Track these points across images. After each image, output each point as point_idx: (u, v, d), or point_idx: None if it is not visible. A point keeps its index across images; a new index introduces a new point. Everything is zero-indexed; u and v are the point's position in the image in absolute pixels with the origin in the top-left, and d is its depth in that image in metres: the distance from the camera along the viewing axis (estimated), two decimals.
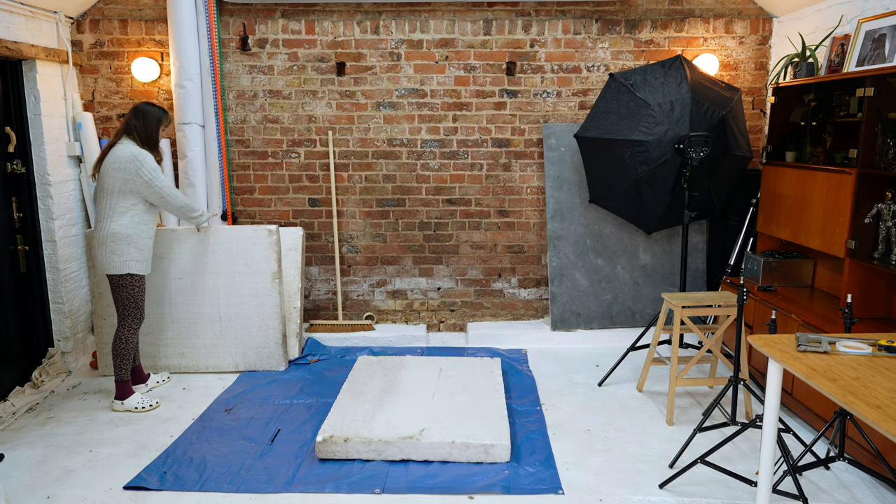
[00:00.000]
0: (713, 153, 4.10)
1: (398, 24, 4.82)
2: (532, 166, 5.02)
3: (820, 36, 4.21)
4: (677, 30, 4.87)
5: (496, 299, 5.21)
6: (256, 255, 4.37)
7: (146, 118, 3.82)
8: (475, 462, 3.25)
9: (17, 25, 4.02)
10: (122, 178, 3.71)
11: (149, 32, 4.78)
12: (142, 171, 3.71)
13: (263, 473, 3.18)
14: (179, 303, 4.42)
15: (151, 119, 3.83)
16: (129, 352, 3.86)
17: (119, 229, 3.73)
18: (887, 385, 2.18)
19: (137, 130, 3.80)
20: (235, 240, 4.39)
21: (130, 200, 3.76)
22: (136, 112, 3.82)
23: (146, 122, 3.82)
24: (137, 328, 3.89)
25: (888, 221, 3.30)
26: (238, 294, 4.40)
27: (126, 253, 3.74)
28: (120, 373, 3.86)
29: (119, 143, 3.77)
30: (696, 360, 3.75)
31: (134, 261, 3.78)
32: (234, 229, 4.40)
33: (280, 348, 4.44)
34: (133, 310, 3.85)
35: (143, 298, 3.88)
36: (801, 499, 2.77)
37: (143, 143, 3.80)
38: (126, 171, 3.70)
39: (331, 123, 4.94)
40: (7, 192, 4.13)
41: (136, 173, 3.70)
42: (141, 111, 3.83)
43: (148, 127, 3.82)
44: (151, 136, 3.84)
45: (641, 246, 4.99)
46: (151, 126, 3.83)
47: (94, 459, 3.33)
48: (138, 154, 3.72)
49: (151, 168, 3.75)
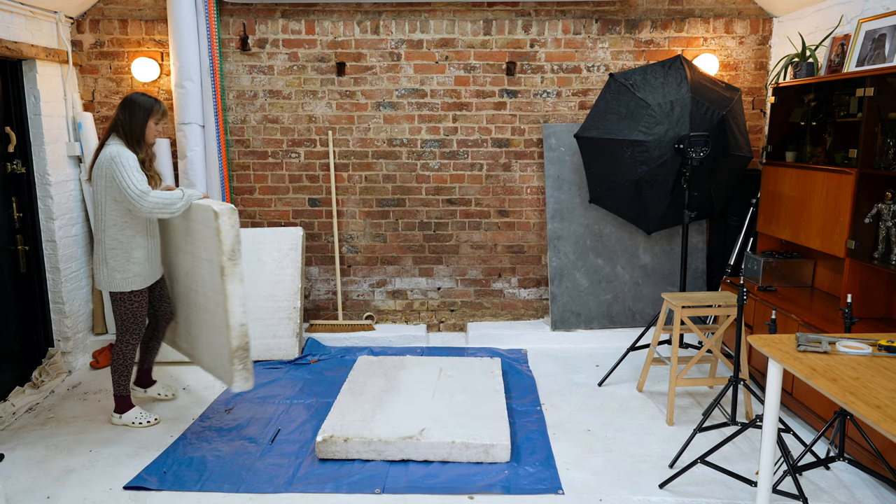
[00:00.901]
0: (713, 153, 4.10)
1: (398, 24, 4.82)
2: (532, 166, 5.02)
3: (820, 36, 4.21)
4: (677, 30, 4.87)
5: (496, 299, 5.21)
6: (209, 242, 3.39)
7: (133, 111, 3.41)
8: (475, 462, 3.25)
9: (17, 25, 4.02)
10: (104, 186, 3.36)
11: (149, 32, 4.78)
12: (115, 173, 3.30)
13: (263, 473, 3.18)
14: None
15: (138, 112, 3.42)
16: (127, 367, 3.66)
17: (114, 244, 3.43)
18: (887, 385, 2.18)
19: (123, 126, 3.42)
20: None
21: (121, 209, 3.40)
22: (124, 104, 3.44)
23: (132, 115, 3.41)
24: (137, 343, 3.66)
25: (888, 221, 3.30)
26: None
27: (126, 269, 3.47)
28: (118, 388, 3.67)
29: (106, 144, 3.41)
30: (696, 360, 3.75)
31: (135, 276, 3.50)
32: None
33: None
34: (132, 325, 3.59)
35: (143, 311, 3.61)
36: (801, 499, 2.77)
37: (128, 140, 3.41)
38: (106, 176, 3.34)
39: (331, 123, 4.94)
40: (7, 192, 4.13)
41: (113, 177, 3.32)
42: (128, 103, 3.43)
43: (134, 121, 3.41)
44: (135, 132, 3.41)
45: (641, 246, 4.99)
46: (138, 120, 3.41)
47: (94, 459, 3.33)
48: (116, 155, 3.31)
49: (126, 167, 3.29)
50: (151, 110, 3.45)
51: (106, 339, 4.80)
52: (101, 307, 4.82)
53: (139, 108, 3.43)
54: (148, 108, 3.44)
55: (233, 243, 3.28)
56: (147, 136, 3.48)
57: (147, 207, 3.31)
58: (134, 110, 3.42)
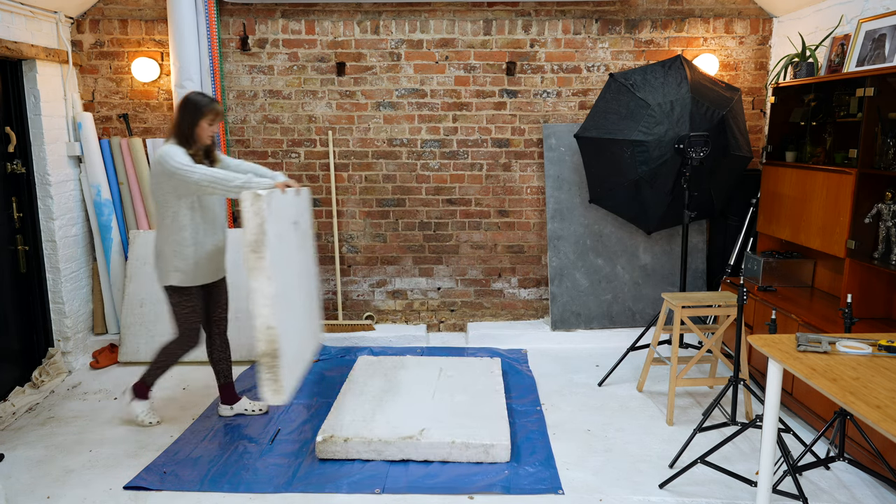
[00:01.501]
0: (713, 153, 4.10)
1: (398, 24, 4.83)
2: (532, 166, 5.02)
3: (820, 36, 4.21)
4: (677, 30, 4.87)
5: (496, 299, 5.21)
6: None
7: (183, 109, 3.33)
8: (475, 462, 3.25)
9: (17, 25, 4.02)
10: (155, 183, 3.30)
11: (149, 32, 4.78)
12: (167, 164, 3.20)
13: (263, 473, 3.17)
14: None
15: (190, 111, 3.32)
16: (167, 366, 3.56)
17: (162, 242, 3.38)
18: (887, 385, 2.18)
19: (176, 125, 3.35)
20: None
21: (171, 207, 3.31)
22: (180, 104, 3.37)
23: (183, 113, 3.33)
24: (186, 349, 3.50)
25: (888, 221, 3.30)
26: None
27: (169, 262, 3.37)
28: (148, 376, 3.59)
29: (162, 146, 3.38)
30: (696, 360, 3.75)
31: (176, 271, 3.37)
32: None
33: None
34: (181, 327, 3.45)
35: (191, 314, 3.44)
36: (801, 499, 2.77)
37: (179, 138, 3.33)
38: (155, 174, 3.28)
39: (331, 123, 4.94)
40: (7, 192, 4.13)
41: (163, 172, 3.24)
42: (182, 102, 3.36)
43: (184, 120, 3.32)
44: (184, 130, 3.32)
45: (641, 246, 4.99)
46: (188, 119, 3.31)
47: (94, 459, 3.33)
48: (164, 151, 3.24)
49: (171, 154, 3.22)
50: (203, 110, 3.33)
51: (106, 339, 4.80)
52: (101, 307, 4.82)
53: (191, 108, 3.33)
54: (200, 108, 3.33)
55: (256, 233, 2.91)
56: (199, 136, 3.36)
57: (195, 178, 3.18)
58: (186, 109, 3.34)
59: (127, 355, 4.58)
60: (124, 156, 4.75)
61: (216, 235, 3.48)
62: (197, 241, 3.38)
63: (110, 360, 4.60)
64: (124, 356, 4.58)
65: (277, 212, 3.12)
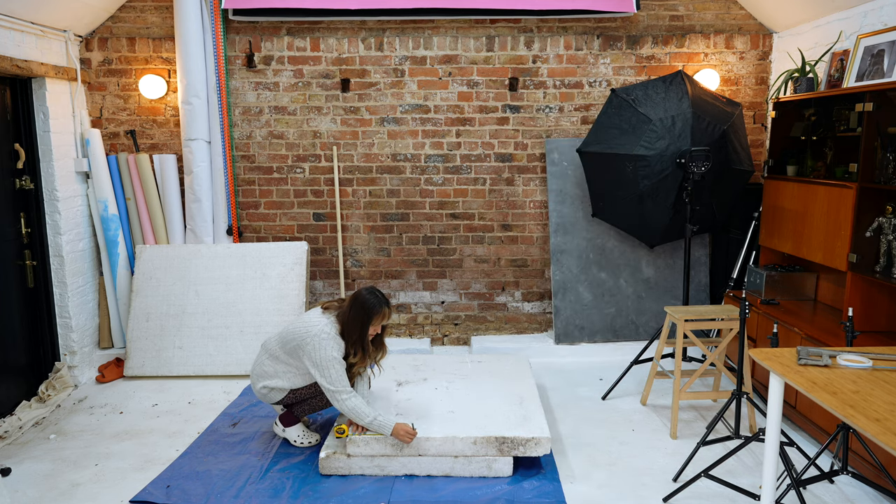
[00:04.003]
0: (715, 167, 4.12)
1: (402, 41, 4.88)
2: (535, 181, 5.06)
3: (819, 51, 4.25)
4: (678, 45, 4.91)
5: (500, 313, 5.23)
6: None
7: (352, 310, 3.26)
8: (479, 476, 3.25)
9: (27, 44, 4.09)
10: (282, 344, 3.41)
11: (156, 50, 4.85)
12: (308, 351, 3.25)
13: (268, 488, 3.19)
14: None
15: (358, 314, 3.25)
16: (305, 411, 3.62)
17: (261, 376, 3.52)
18: (887, 398, 2.19)
19: (345, 318, 3.29)
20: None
21: (282, 365, 3.46)
22: (352, 300, 3.30)
23: (350, 315, 3.26)
24: (317, 407, 3.61)
25: (889, 235, 3.32)
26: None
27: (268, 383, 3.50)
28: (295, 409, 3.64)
29: (319, 309, 3.38)
30: (700, 373, 3.75)
31: (275, 390, 3.52)
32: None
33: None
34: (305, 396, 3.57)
35: (307, 400, 3.56)
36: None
37: (343, 332, 3.29)
38: (293, 343, 3.34)
39: (335, 139, 4.99)
40: (16, 208, 4.18)
41: (299, 349, 3.31)
42: (354, 300, 3.28)
43: (350, 321, 3.26)
44: (351, 332, 3.26)
45: (644, 259, 5.01)
46: (357, 320, 3.25)
47: (101, 473, 3.35)
48: (318, 333, 3.23)
49: (334, 376, 3.22)
50: (372, 314, 3.25)
51: (112, 353, 4.83)
52: (108, 321, 4.86)
53: (361, 309, 3.25)
54: (369, 311, 3.25)
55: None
56: (368, 338, 3.32)
57: (337, 406, 3.26)
58: (352, 309, 3.27)
59: (133, 369, 4.61)
60: (131, 172, 4.81)
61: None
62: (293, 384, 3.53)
63: (116, 375, 4.62)
64: (130, 370, 4.61)
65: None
